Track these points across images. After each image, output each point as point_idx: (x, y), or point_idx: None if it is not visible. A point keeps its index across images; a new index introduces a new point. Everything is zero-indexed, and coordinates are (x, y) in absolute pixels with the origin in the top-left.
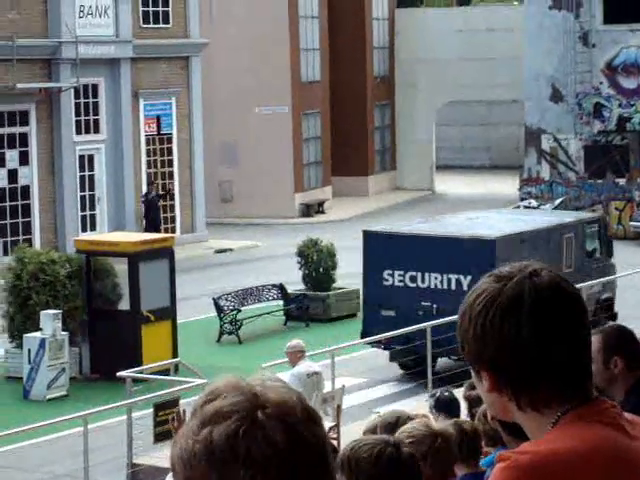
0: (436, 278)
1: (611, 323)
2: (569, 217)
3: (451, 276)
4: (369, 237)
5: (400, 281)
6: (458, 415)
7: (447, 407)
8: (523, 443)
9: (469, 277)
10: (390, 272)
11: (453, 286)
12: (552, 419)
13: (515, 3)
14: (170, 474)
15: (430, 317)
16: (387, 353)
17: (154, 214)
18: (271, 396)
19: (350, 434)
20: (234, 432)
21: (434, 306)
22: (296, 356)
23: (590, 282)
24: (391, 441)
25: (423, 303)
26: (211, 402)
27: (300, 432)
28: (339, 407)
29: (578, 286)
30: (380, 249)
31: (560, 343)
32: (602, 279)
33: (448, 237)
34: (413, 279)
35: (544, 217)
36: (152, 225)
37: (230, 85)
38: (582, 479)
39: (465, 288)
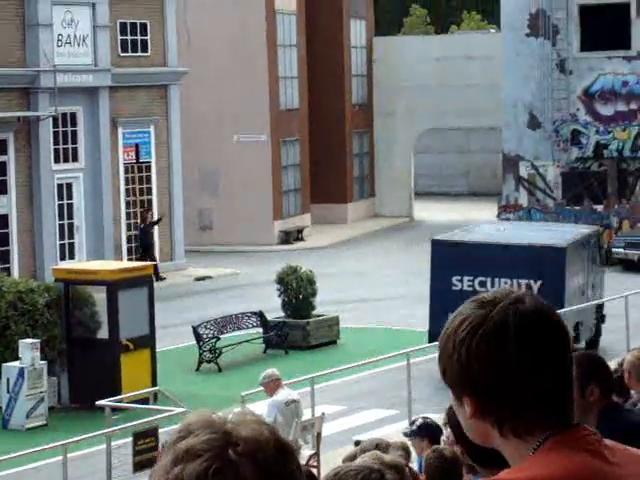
0: (506, 283)
1: (579, 351)
2: (584, 229)
3: (521, 281)
4: (437, 245)
5: (469, 286)
6: (438, 441)
7: (429, 433)
8: (502, 471)
9: (539, 282)
10: (459, 278)
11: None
12: (533, 445)
13: (492, 30)
14: None
15: None
16: (366, 378)
17: (149, 242)
18: (242, 433)
19: (330, 462)
20: (205, 471)
21: None
22: (272, 385)
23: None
24: (375, 467)
25: None
26: (184, 439)
27: (271, 468)
28: (319, 435)
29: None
30: (448, 256)
31: (545, 369)
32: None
33: (520, 245)
34: (482, 284)
35: (570, 228)
36: (147, 253)
37: (209, 113)
38: None
39: (535, 292)
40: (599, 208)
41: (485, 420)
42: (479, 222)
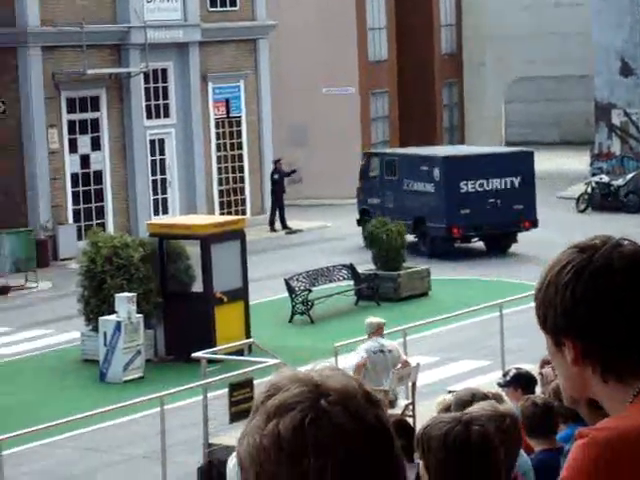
0: (497, 181)
1: None
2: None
3: (507, 178)
4: (446, 160)
5: (472, 187)
6: (533, 391)
7: (522, 383)
8: (603, 419)
9: (519, 177)
10: (465, 182)
11: (509, 185)
12: (633, 392)
13: None
14: (233, 457)
15: (495, 209)
16: (458, 329)
17: (279, 192)
18: (332, 384)
19: (425, 412)
20: (300, 422)
21: (498, 201)
22: (374, 334)
23: None
24: (463, 419)
25: (491, 200)
26: (273, 397)
27: (364, 416)
28: (414, 385)
29: None
30: (455, 168)
31: None
32: None
33: (502, 153)
34: (481, 185)
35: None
36: (278, 203)
37: (298, 66)
38: None
39: (517, 186)
40: None
41: (586, 365)
42: (572, 171)
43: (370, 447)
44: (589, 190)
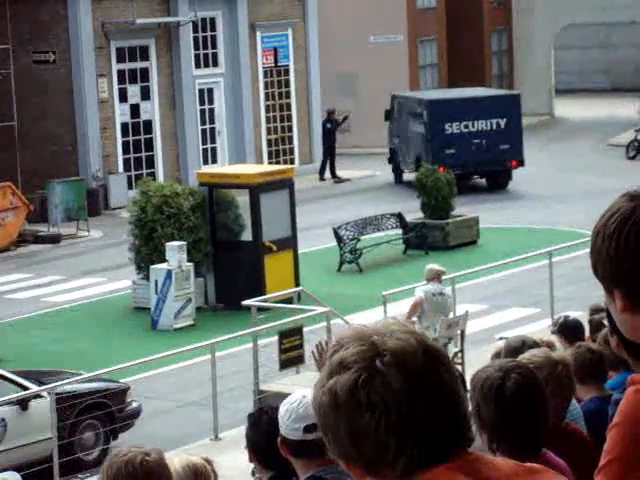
0: (482, 123)
1: None
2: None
3: (492, 120)
4: (431, 103)
5: (457, 129)
6: (582, 339)
7: (571, 331)
8: None
9: (505, 119)
10: (450, 124)
11: (494, 126)
12: None
13: None
14: (285, 404)
15: (480, 149)
16: (507, 277)
17: (331, 142)
18: (389, 344)
19: (474, 360)
20: (354, 382)
21: (482, 142)
22: (432, 278)
23: None
24: (505, 367)
25: (475, 140)
26: (337, 352)
27: (420, 377)
28: (463, 332)
29: None
30: (440, 110)
31: None
32: None
33: (487, 96)
34: (466, 126)
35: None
36: (329, 152)
37: (346, 15)
38: None
39: (502, 127)
40: None
41: (636, 313)
42: (621, 118)
43: (429, 406)
44: (639, 137)
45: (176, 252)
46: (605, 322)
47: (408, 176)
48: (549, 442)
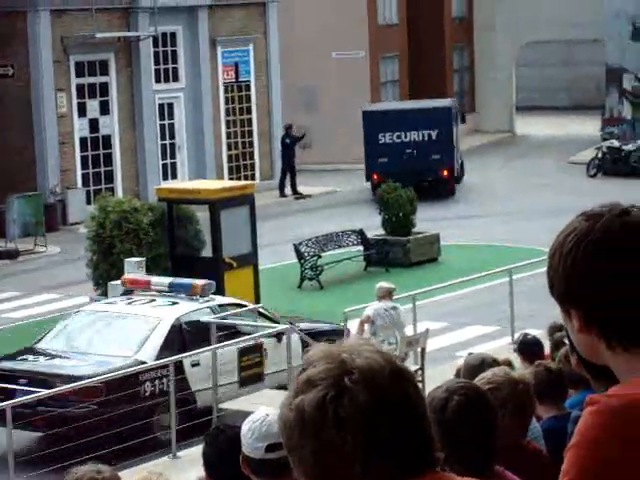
0: (414, 133)
1: None
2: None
3: (424, 131)
4: (367, 114)
5: (390, 139)
6: (542, 357)
7: (531, 349)
8: (612, 387)
9: (436, 130)
10: (383, 134)
11: (426, 137)
12: None
13: None
14: (248, 422)
15: (412, 159)
16: (467, 295)
17: (290, 157)
18: (358, 362)
19: (434, 377)
20: (322, 399)
21: (414, 151)
22: (383, 296)
23: None
24: (451, 388)
25: (408, 150)
26: (304, 371)
27: (387, 394)
28: (423, 350)
29: None
30: (374, 121)
31: None
32: None
33: (420, 108)
34: (399, 137)
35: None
36: (289, 168)
37: (308, 30)
38: None
39: (434, 138)
40: None
41: (592, 334)
42: (582, 136)
43: (395, 422)
44: (600, 155)
45: (135, 268)
46: (565, 340)
47: None
48: (510, 461)
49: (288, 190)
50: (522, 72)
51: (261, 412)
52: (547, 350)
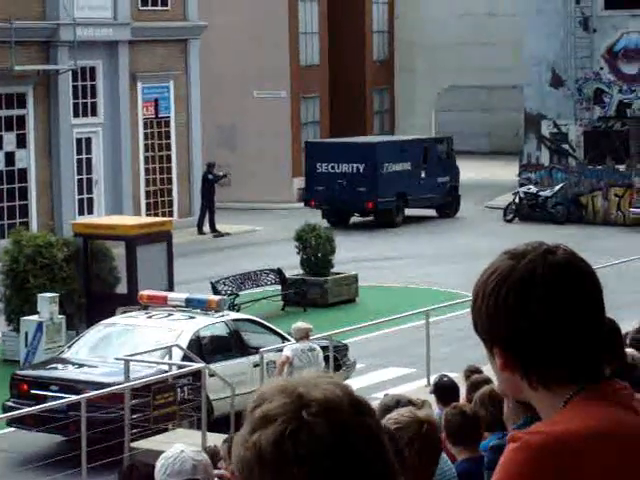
0: (345, 166)
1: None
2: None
3: (353, 164)
4: (307, 145)
5: (325, 169)
6: (457, 399)
7: (446, 391)
8: (535, 423)
9: (363, 164)
10: (320, 164)
11: (354, 170)
12: (564, 398)
13: None
14: (161, 459)
15: (342, 190)
16: (384, 336)
17: (210, 195)
18: (315, 394)
19: None
20: (281, 434)
21: (344, 182)
22: (301, 337)
23: None
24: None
25: (339, 181)
26: (259, 407)
27: (347, 426)
28: None
29: None
30: (313, 151)
31: (573, 323)
32: None
33: (351, 142)
34: (332, 167)
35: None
36: (208, 206)
37: (228, 68)
38: (595, 459)
39: (361, 171)
40: (621, 167)
41: (514, 372)
42: (500, 181)
43: (355, 455)
44: (517, 200)
45: (48, 304)
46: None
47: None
48: None
49: (206, 228)
50: (442, 116)
51: (176, 448)
52: (463, 392)
